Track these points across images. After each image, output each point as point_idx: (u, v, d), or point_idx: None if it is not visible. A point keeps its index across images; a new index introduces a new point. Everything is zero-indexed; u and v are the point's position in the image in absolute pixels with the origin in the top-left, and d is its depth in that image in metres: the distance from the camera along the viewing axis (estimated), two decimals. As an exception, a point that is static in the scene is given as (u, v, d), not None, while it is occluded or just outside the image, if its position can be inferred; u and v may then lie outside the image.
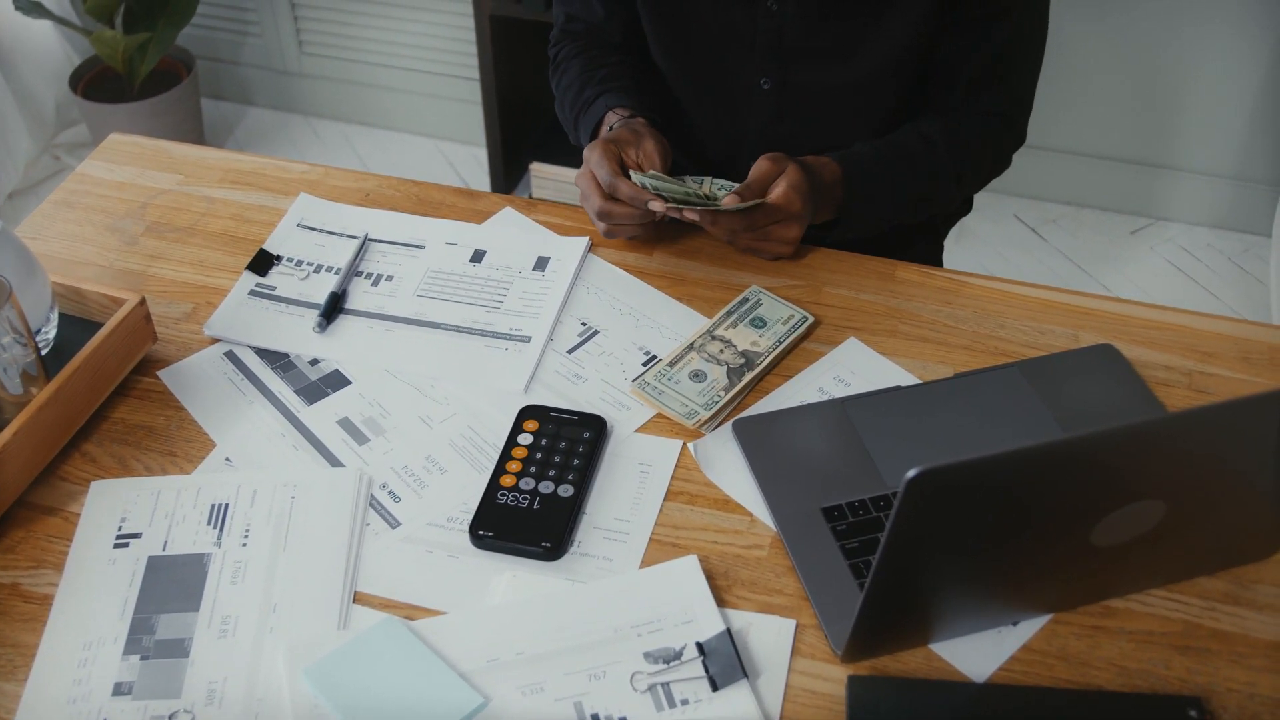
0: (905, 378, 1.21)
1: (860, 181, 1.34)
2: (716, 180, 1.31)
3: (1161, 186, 2.76)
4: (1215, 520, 0.96)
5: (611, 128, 1.36)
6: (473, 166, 3.02)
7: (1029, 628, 1.00)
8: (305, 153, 3.06)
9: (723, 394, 1.18)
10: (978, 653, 0.98)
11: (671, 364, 1.21)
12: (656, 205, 1.24)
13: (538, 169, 2.83)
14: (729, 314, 1.27)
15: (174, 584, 1.03)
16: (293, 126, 3.15)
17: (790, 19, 1.36)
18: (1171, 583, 1.03)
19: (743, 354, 1.22)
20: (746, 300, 1.28)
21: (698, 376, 1.20)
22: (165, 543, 1.06)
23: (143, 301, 1.20)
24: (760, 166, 1.28)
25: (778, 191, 1.27)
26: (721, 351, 1.23)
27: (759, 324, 1.25)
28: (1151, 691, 0.96)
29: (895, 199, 1.38)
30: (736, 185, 1.29)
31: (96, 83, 2.88)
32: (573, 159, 2.74)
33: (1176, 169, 2.73)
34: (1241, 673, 0.97)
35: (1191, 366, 1.22)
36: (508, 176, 2.87)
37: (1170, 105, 2.65)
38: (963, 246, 2.74)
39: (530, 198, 2.86)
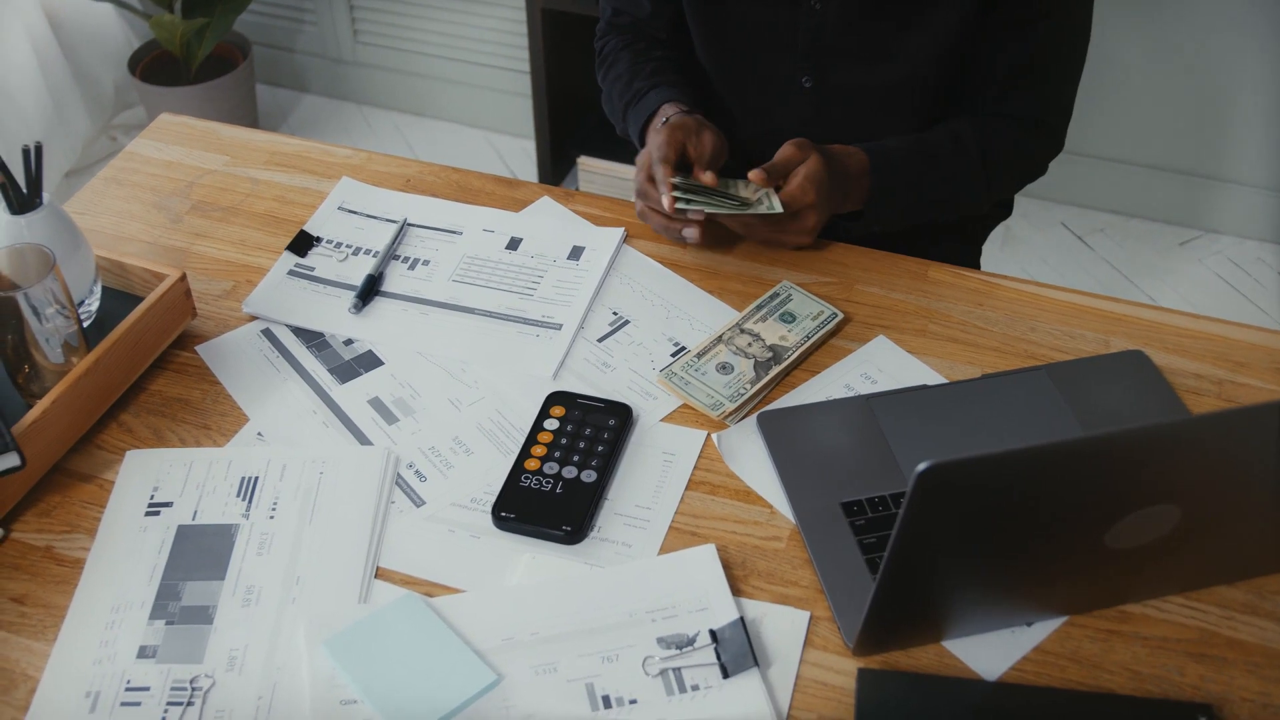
0: (932, 377, 1.21)
1: (887, 174, 1.35)
2: (750, 185, 1.32)
3: (1212, 198, 2.73)
4: (1233, 529, 0.96)
5: (668, 118, 1.37)
6: (521, 159, 3.05)
7: (1043, 629, 1.00)
8: (357, 141, 3.10)
9: (748, 387, 1.19)
10: (990, 652, 0.98)
11: (699, 355, 1.22)
12: (666, 200, 1.26)
13: (585, 163, 2.85)
14: (759, 308, 1.27)
15: (201, 553, 1.05)
16: (345, 114, 3.19)
17: (832, 18, 1.36)
18: (1190, 590, 1.03)
19: (771, 348, 1.23)
20: (777, 295, 1.29)
21: (725, 369, 1.21)
22: (195, 512, 1.08)
23: (183, 277, 1.23)
24: (784, 151, 1.30)
25: (793, 184, 1.28)
26: (750, 345, 1.23)
27: (788, 319, 1.26)
28: (1163, 697, 0.95)
29: (921, 195, 1.38)
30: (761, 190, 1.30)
31: (154, 66, 2.93)
32: (620, 154, 2.78)
33: (1228, 181, 2.70)
34: (1256, 683, 0.97)
35: (1222, 376, 1.21)
36: (555, 170, 2.89)
37: (1223, 117, 2.62)
38: (1007, 252, 2.72)
39: (580, 192, 2.88)
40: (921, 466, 0.78)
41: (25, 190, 1.18)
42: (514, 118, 3.06)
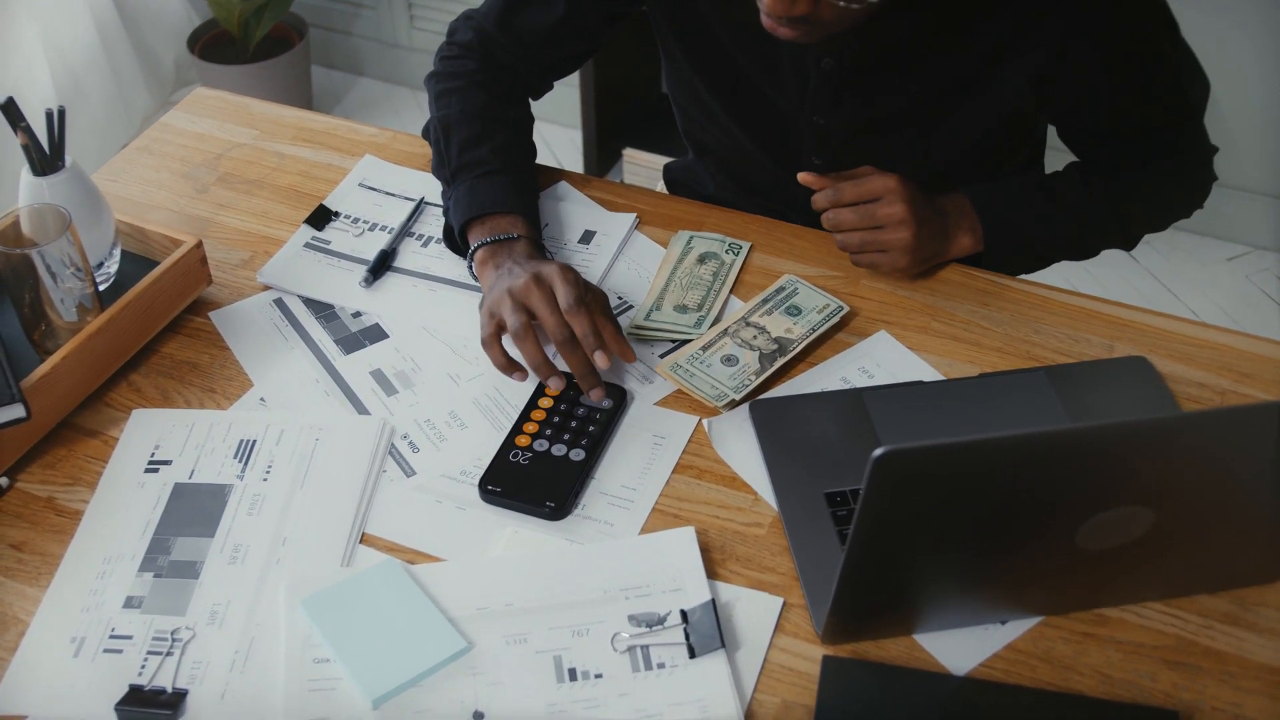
0: (930, 374, 1.21)
1: (991, 203, 1.30)
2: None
3: (1261, 215, 2.68)
4: (1212, 535, 0.95)
5: (516, 236, 1.25)
6: (569, 149, 3.07)
7: (1017, 627, 1.00)
8: (409, 125, 3.13)
9: (754, 378, 1.19)
10: (961, 647, 0.98)
11: (704, 348, 1.23)
12: (554, 384, 1.15)
13: (631, 155, 2.86)
14: (764, 301, 1.28)
15: (195, 510, 1.08)
16: (398, 99, 3.23)
17: (836, 133, 1.35)
18: (1169, 597, 1.02)
19: (776, 340, 1.23)
20: (783, 289, 1.29)
21: (730, 361, 1.21)
22: (192, 471, 1.11)
23: (199, 244, 1.26)
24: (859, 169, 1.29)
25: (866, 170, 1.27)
26: (755, 338, 1.24)
27: (794, 312, 1.26)
28: (1132, 702, 0.95)
29: (1043, 224, 1.33)
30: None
31: (213, 44, 2.99)
32: (667, 148, 2.78)
33: (1278, 197, 2.65)
34: (1229, 692, 0.96)
35: (1226, 386, 1.20)
36: (600, 161, 2.91)
37: (1276, 132, 2.57)
38: (1050, 261, 2.69)
39: (622, 183, 2.90)
40: (878, 452, 0.78)
41: (48, 152, 1.21)
42: (562, 108, 3.08)
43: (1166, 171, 1.37)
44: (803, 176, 1.27)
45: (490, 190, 1.29)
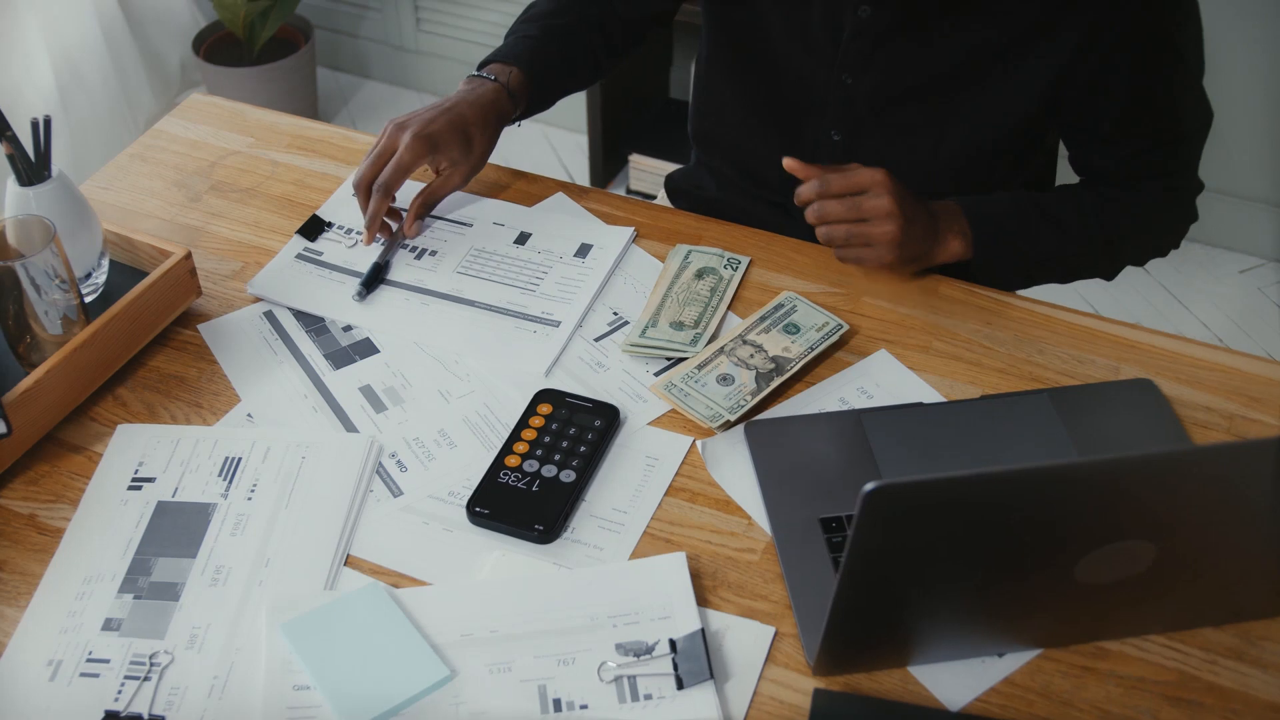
0: (930, 395, 1.19)
1: (982, 214, 1.29)
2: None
3: (1274, 227, 2.65)
4: (1216, 569, 0.92)
5: (493, 79, 1.41)
6: (576, 154, 3.05)
7: (1014, 660, 0.97)
8: (414, 128, 3.11)
9: (749, 398, 1.17)
10: (957, 681, 0.96)
11: (699, 367, 1.20)
12: (365, 238, 1.34)
13: (637, 161, 2.84)
14: (762, 319, 1.25)
15: (177, 530, 1.06)
16: (404, 102, 3.21)
17: (863, 95, 1.33)
18: (1172, 631, 0.99)
19: (773, 359, 1.21)
20: (781, 306, 1.26)
21: (725, 380, 1.19)
22: (176, 489, 1.09)
23: (188, 256, 1.24)
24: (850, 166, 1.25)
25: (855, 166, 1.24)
26: (752, 356, 1.21)
27: (792, 330, 1.24)
28: (1131, 739, 0.92)
29: (1033, 244, 1.31)
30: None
31: (218, 46, 2.97)
32: (673, 154, 2.76)
33: (1294, 209, 2.62)
34: (1232, 730, 0.93)
35: (1234, 410, 1.17)
36: (607, 166, 2.89)
37: (1291, 142, 2.54)
38: (1060, 272, 2.66)
39: (628, 190, 2.88)
40: (869, 486, 0.76)
41: (35, 162, 1.20)
42: (570, 113, 3.06)
43: (1154, 202, 1.35)
44: (788, 162, 1.23)
45: (515, 45, 1.43)
